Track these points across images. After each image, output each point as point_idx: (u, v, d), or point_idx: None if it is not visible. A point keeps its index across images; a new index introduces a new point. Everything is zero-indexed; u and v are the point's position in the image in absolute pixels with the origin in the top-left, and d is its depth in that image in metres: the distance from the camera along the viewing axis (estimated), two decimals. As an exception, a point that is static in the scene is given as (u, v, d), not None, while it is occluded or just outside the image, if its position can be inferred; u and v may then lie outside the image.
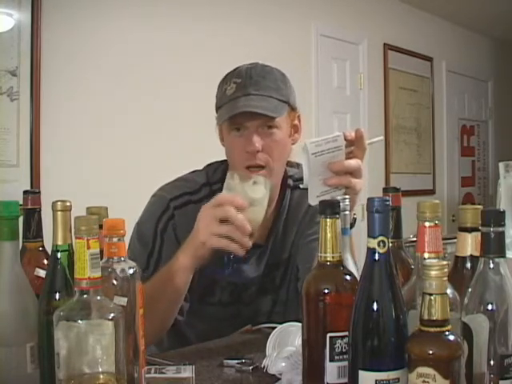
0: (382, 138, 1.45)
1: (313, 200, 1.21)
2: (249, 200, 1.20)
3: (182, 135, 3.07)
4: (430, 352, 0.73)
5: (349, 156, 1.23)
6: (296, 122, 1.43)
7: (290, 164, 1.48)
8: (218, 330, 1.39)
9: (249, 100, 1.31)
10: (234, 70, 1.39)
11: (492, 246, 0.82)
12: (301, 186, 1.47)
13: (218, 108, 1.38)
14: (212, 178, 1.45)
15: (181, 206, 1.39)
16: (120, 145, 2.88)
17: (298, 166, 1.49)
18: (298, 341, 1.09)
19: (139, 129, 2.96)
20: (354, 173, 1.22)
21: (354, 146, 1.24)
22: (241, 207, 1.17)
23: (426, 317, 0.75)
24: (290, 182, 1.49)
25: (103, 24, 2.85)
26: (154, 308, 1.16)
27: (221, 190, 1.39)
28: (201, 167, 1.52)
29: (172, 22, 3.10)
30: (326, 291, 0.86)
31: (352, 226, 1.27)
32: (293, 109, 1.40)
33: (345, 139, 1.22)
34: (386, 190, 1.11)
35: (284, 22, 3.66)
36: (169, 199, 1.40)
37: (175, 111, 3.08)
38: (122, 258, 0.91)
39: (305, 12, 3.82)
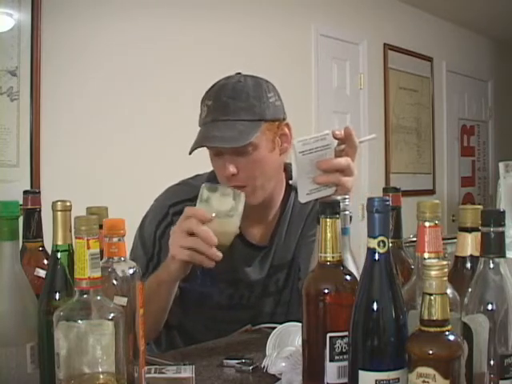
0: (375, 135, 1.46)
1: (303, 197, 1.22)
2: (216, 212, 1.20)
3: (183, 135, 3.06)
4: (430, 352, 0.73)
5: (340, 154, 1.23)
6: (285, 130, 1.37)
7: None
8: (216, 333, 1.39)
9: (214, 129, 1.29)
10: (211, 87, 1.36)
11: (492, 246, 0.82)
12: (290, 183, 1.47)
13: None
14: (212, 182, 1.45)
15: (179, 212, 1.37)
16: (120, 145, 2.88)
17: None
18: (298, 341, 1.09)
19: (139, 129, 2.96)
20: (344, 171, 1.22)
21: (345, 144, 1.24)
22: (203, 219, 1.17)
23: (426, 317, 0.75)
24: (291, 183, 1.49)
25: (103, 24, 2.85)
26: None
27: None
28: (201, 167, 1.52)
29: (172, 23, 3.10)
30: (326, 291, 0.86)
31: None
32: (273, 121, 1.33)
33: (334, 137, 1.22)
34: (385, 190, 1.11)
35: (284, 22, 3.66)
36: (168, 205, 1.41)
37: (175, 111, 3.08)
38: (122, 258, 0.91)
39: (305, 12, 3.82)
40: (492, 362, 0.80)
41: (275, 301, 1.48)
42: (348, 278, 0.88)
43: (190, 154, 1.31)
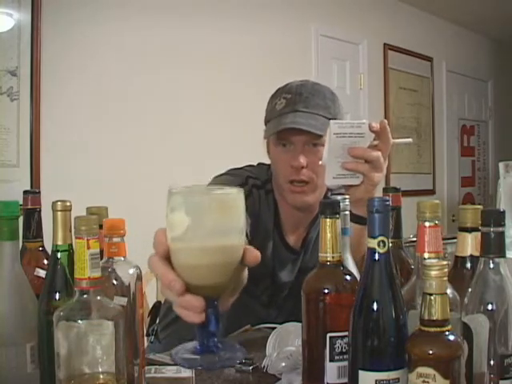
0: (411, 140, 1.46)
1: (329, 180, 1.23)
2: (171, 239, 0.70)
3: (182, 135, 3.07)
4: (430, 352, 0.73)
5: (373, 149, 1.24)
6: None
7: None
8: (232, 327, 1.39)
9: (297, 117, 1.34)
10: (285, 85, 1.43)
11: (492, 246, 0.82)
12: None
13: (266, 121, 1.42)
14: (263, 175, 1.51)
15: (258, 186, 1.43)
16: (120, 145, 2.88)
17: None
18: (298, 341, 1.09)
19: (139, 129, 2.96)
20: (374, 163, 1.22)
21: (379, 139, 1.24)
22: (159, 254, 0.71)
23: (426, 317, 0.74)
24: (329, 194, 1.51)
25: (103, 24, 2.85)
26: None
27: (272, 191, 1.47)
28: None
29: (173, 23, 3.10)
30: (326, 291, 0.86)
31: None
32: None
33: (370, 129, 1.22)
34: (386, 190, 1.11)
35: (284, 22, 3.66)
36: (246, 176, 1.45)
37: (176, 112, 3.08)
38: (122, 258, 0.91)
39: (305, 12, 3.82)
40: (492, 362, 0.80)
41: (295, 304, 1.50)
42: (348, 278, 0.88)
43: (267, 137, 1.40)
